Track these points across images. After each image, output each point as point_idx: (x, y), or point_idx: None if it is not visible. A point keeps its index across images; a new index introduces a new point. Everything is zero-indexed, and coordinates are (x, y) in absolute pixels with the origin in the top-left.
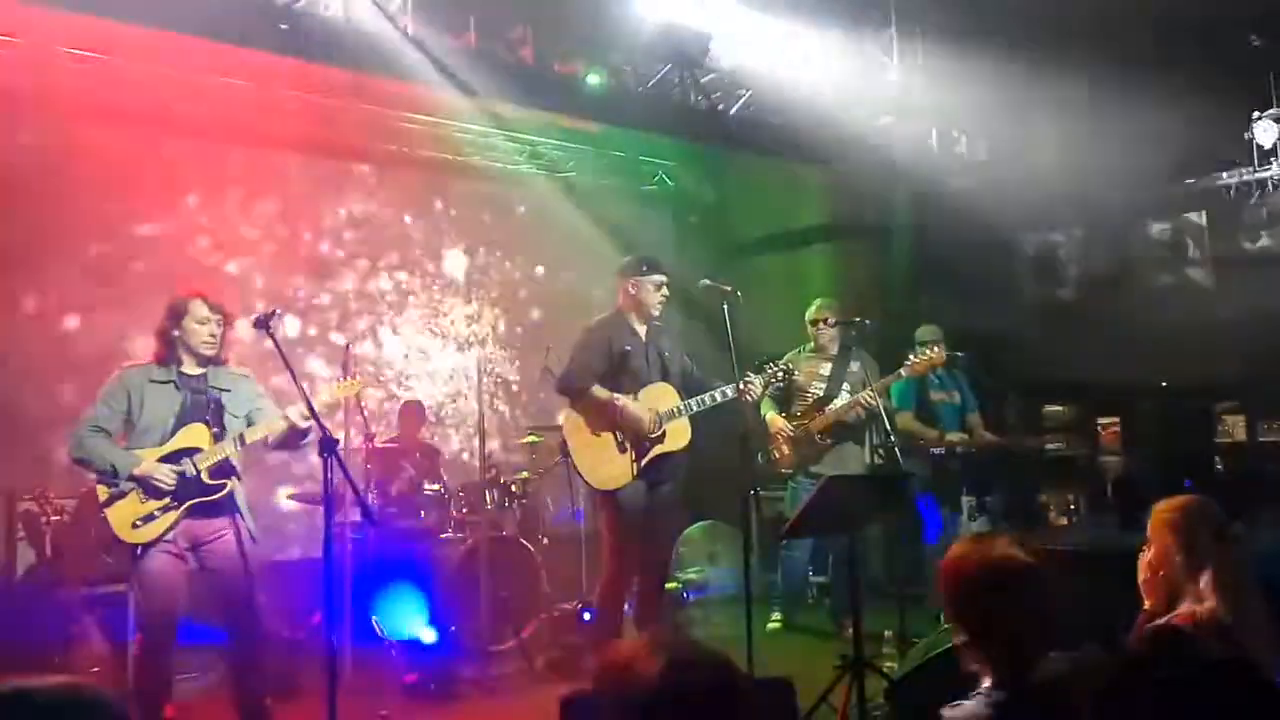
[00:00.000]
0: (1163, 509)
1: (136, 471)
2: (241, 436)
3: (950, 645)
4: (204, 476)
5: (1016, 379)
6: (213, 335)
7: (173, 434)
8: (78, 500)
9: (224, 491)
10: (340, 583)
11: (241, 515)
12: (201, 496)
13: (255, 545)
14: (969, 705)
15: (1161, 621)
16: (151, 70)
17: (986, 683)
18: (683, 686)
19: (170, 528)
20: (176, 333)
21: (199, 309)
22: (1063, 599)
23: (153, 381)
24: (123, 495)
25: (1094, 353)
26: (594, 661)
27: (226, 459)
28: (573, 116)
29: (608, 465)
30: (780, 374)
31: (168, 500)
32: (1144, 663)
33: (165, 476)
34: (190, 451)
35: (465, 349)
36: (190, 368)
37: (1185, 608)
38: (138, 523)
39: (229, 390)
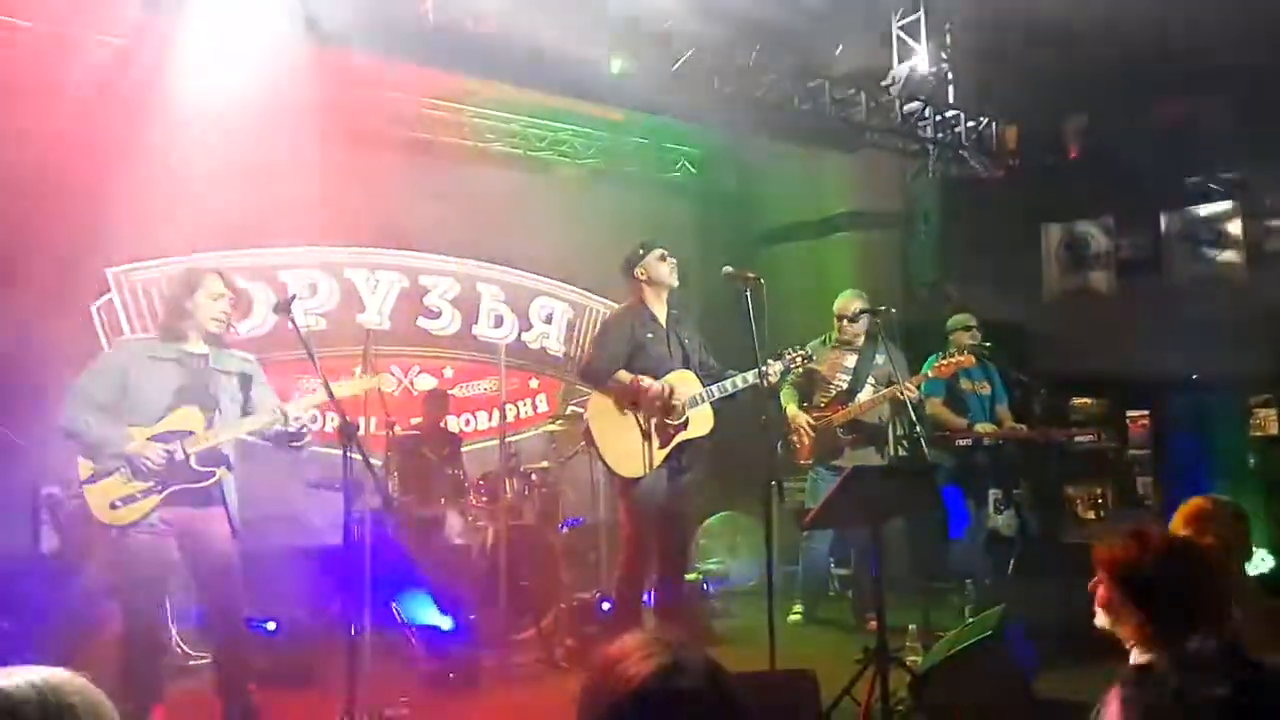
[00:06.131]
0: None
1: (127, 449)
2: (239, 425)
3: (975, 640)
4: (192, 462)
5: (1044, 370)
6: (224, 313)
7: (167, 413)
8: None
9: (210, 481)
10: (359, 570)
11: (228, 507)
12: (186, 483)
13: (238, 538)
14: None
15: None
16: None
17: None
18: (669, 693)
19: (151, 511)
20: (188, 305)
21: (214, 284)
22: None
23: (152, 358)
24: (108, 473)
25: (1124, 344)
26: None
27: (218, 448)
28: (595, 103)
29: (631, 452)
30: (801, 359)
31: (152, 483)
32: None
33: (155, 456)
34: (182, 434)
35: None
36: (194, 345)
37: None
38: (117, 503)
39: (230, 375)
